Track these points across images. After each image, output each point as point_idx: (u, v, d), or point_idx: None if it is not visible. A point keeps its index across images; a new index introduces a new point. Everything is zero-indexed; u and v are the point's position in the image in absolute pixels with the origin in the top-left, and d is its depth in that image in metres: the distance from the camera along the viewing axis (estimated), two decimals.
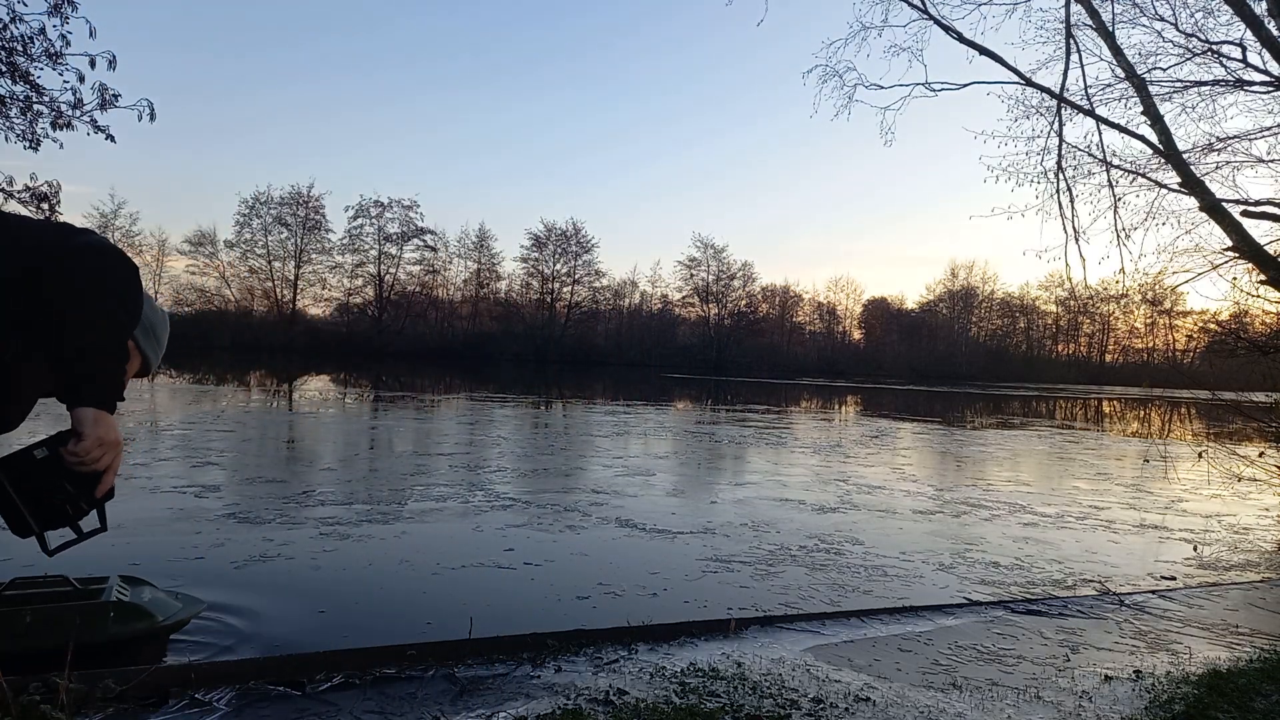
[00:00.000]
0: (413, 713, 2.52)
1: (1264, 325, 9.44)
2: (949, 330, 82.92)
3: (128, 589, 3.22)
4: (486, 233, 67.51)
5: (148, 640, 3.12)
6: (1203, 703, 2.93)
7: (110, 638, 2.95)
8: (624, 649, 3.27)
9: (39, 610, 2.84)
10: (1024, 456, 13.72)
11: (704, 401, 25.88)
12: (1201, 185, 6.76)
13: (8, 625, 2.71)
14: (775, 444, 13.59)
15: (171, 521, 5.73)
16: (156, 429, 11.07)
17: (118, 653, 2.97)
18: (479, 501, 7.04)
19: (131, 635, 3.01)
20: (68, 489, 1.47)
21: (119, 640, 2.99)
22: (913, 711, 2.78)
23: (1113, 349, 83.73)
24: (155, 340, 1.67)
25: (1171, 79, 7.33)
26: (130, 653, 3.02)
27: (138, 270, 1.52)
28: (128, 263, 1.48)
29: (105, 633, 2.94)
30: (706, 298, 73.33)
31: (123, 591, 3.15)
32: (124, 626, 3.00)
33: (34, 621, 2.76)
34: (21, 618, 2.73)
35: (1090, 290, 37.24)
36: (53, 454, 1.44)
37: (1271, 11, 6.32)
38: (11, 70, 6.23)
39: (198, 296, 55.20)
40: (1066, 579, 5.39)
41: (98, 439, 1.43)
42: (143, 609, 3.10)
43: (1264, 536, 7.45)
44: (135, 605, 3.09)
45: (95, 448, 1.43)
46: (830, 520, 6.98)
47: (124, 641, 3.01)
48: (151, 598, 3.24)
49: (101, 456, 1.45)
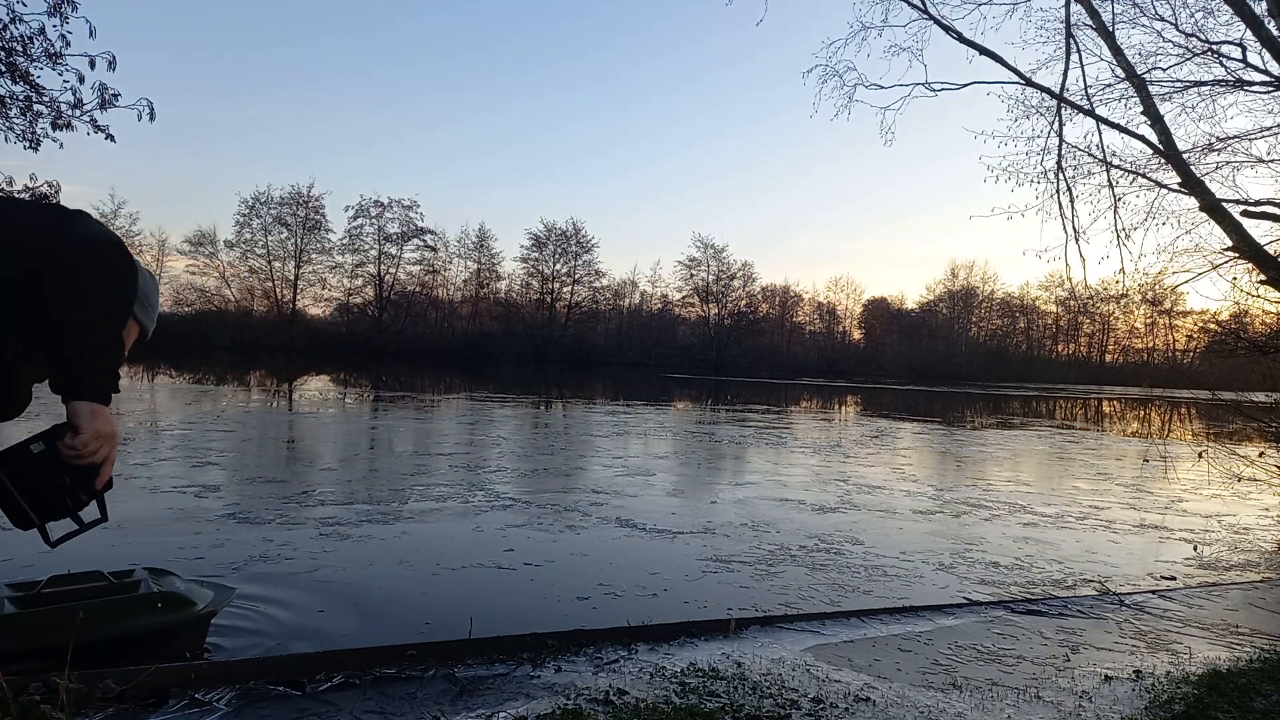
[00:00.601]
0: (413, 713, 2.52)
1: (1264, 325, 9.44)
2: (949, 330, 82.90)
3: (158, 580, 3.28)
4: (486, 233, 67.56)
5: (192, 628, 3.22)
6: (1203, 703, 2.93)
7: (158, 627, 3.04)
8: (624, 649, 3.27)
9: (91, 605, 2.91)
10: (1024, 456, 13.72)
11: (704, 401, 25.88)
12: (1201, 185, 6.76)
13: (63, 621, 2.77)
14: (775, 444, 13.59)
15: (171, 521, 5.72)
16: (156, 429, 11.07)
17: (165, 642, 3.08)
18: (479, 501, 7.04)
19: (177, 623, 3.10)
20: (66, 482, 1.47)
21: (166, 629, 3.07)
22: (913, 711, 2.78)
23: (1113, 349, 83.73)
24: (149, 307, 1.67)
25: (1171, 79, 7.33)
26: (176, 641, 3.13)
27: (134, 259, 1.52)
28: (125, 254, 1.47)
29: (153, 622, 3.03)
30: (706, 298, 73.33)
31: (155, 583, 3.21)
32: (172, 615, 3.09)
33: (87, 616, 2.83)
34: (74, 613, 2.80)
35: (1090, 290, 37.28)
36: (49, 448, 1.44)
37: (1271, 11, 6.32)
38: (11, 70, 6.23)
39: (198, 296, 55.20)
40: (1066, 579, 5.39)
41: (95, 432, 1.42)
42: (187, 597, 3.18)
43: (1264, 536, 7.45)
44: (180, 594, 3.17)
45: (92, 441, 1.43)
46: (830, 520, 6.98)
47: (170, 630, 3.09)
48: (187, 587, 3.31)
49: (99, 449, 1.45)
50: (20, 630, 2.80)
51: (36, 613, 2.87)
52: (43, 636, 2.79)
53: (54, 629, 2.78)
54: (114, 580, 3.16)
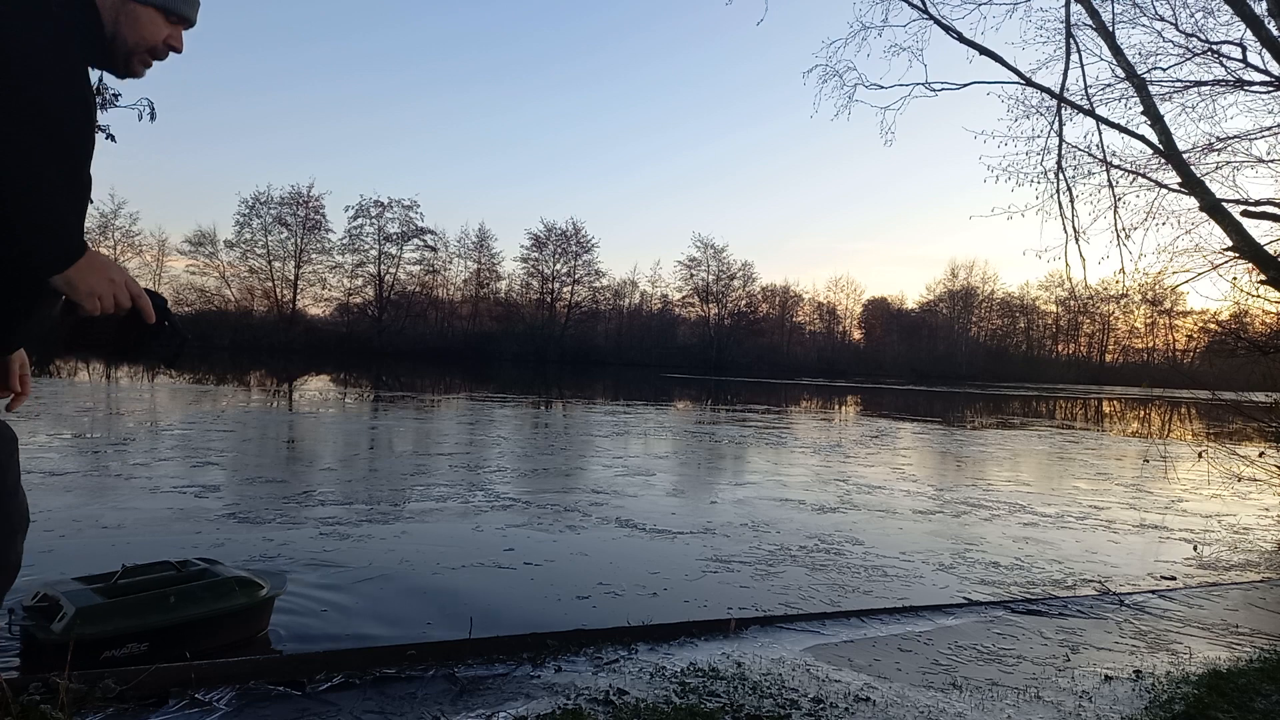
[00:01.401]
0: (413, 713, 2.52)
1: (1264, 325, 9.43)
2: (949, 330, 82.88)
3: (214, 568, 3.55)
4: (486, 233, 67.64)
5: (261, 610, 3.50)
6: (1203, 703, 2.93)
7: (238, 609, 3.33)
8: (624, 649, 3.27)
9: (180, 590, 3.24)
10: (1024, 456, 13.72)
11: (704, 401, 25.88)
12: (1201, 185, 6.75)
13: (158, 604, 3.14)
14: (775, 444, 13.59)
15: (171, 521, 5.72)
16: (156, 429, 11.07)
17: (243, 623, 3.39)
18: (479, 501, 7.04)
19: (250, 606, 3.38)
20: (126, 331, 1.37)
21: (242, 611, 3.36)
22: (913, 711, 2.78)
23: (1113, 349, 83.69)
24: None
25: (1171, 79, 7.33)
26: (250, 623, 3.43)
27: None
28: None
29: (233, 605, 3.31)
30: (706, 298, 73.30)
31: (215, 571, 3.49)
32: (248, 599, 3.38)
33: (177, 601, 3.19)
34: (167, 598, 3.16)
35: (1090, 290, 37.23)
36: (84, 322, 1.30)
37: (1271, 11, 6.32)
38: None
39: (198, 296, 55.17)
40: (1066, 579, 5.39)
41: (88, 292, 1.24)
42: (257, 581, 3.46)
43: (1264, 536, 7.45)
44: (251, 579, 3.45)
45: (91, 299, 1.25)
46: (830, 520, 6.98)
47: (246, 612, 3.38)
48: (250, 573, 3.57)
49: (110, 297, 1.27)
50: (123, 613, 3.04)
51: (136, 599, 3.11)
52: (143, 619, 3.07)
53: (151, 612, 3.09)
54: (180, 570, 3.44)
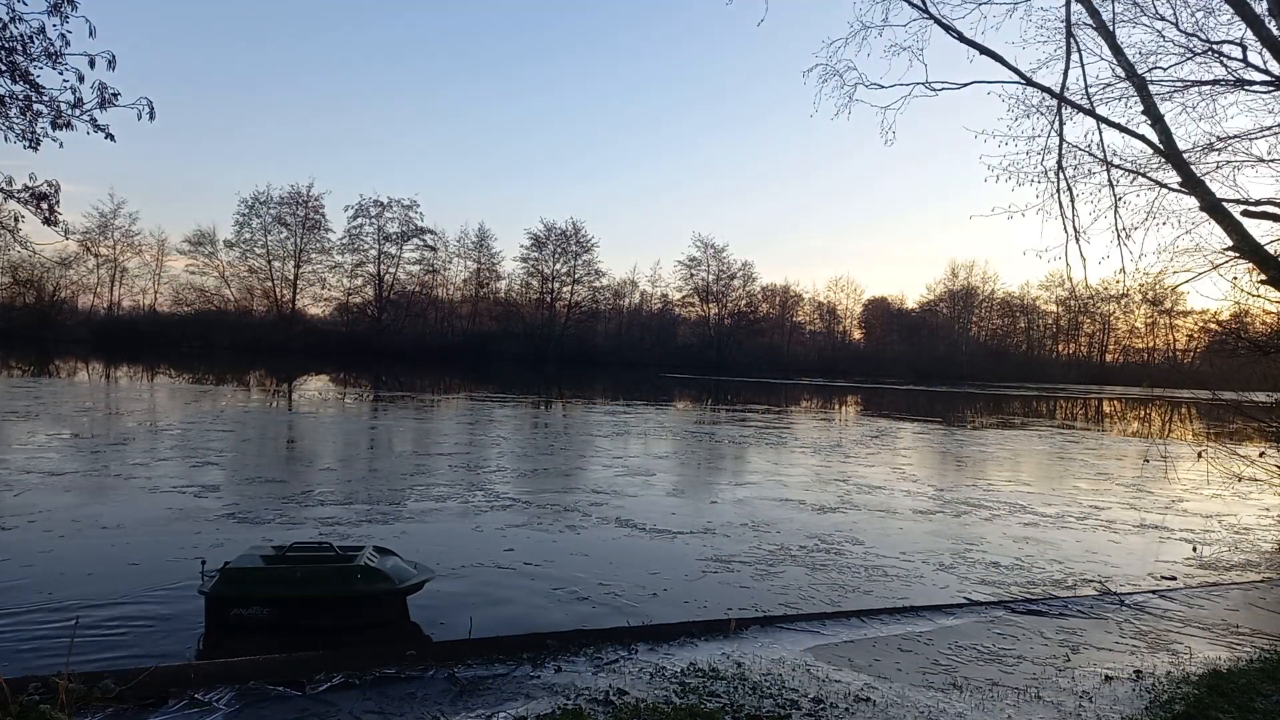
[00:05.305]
0: (413, 713, 2.52)
1: (1264, 325, 9.42)
2: (949, 330, 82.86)
3: (376, 556, 3.96)
4: (486, 232, 67.45)
5: (389, 600, 3.83)
6: (1203, 702, 2.93)
7: (356, 594, 3.67)
8: (624, 649, 3.27)
9: (307, 568, 3.67)
10: (1024, 456, 13.71)
11: (704, 401, 25.87)
12: (1202, 185, 6.74)
13: (286, 576, 3.60)
14: (775, 444, 13.58)
15: (171, 521, 5.72)
16: (156, 429, 11.07)
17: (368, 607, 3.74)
18: (479, 501, 7.03)
19: (373, 594, 3.73)
20: None
21: (364, 597, 3.70)
22: (913, 712, 2.78)
23: (1113, 349, 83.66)
24: None
25: (1172, 78, 7.32)
26: (381, 610, 3.78)
27: None
28: None
29: (352, 589, 3.66)
30: (706, 297, 73.25)
31: (371, 558, 3.88)
32: (369, 586, 3.70)
33: (303, 576, 3.61)
34: (294, 573, 3.62)
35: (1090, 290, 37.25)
36: None
37: (1272, 11, 6.32)
38: (11, 69, 6.22)
39: (197, 296, 55.16)
40: (1067, 579, 5.39)
41: None
42: (384, 573, 3.81)
43: (1264, 536, 7.44)
44: (378, 569, 3.81)
45: None
46: (830, 520, 6.98)
47: (368, 598, 3.72)
48: (394, 565, 3.95)
49: None
50: (254, 580, 3.60)
51: (271, 569, 3.66)
52: (272, 589, 3.57)
53: (279, 583, 3.60)
54: (340, 553, 3.86)
